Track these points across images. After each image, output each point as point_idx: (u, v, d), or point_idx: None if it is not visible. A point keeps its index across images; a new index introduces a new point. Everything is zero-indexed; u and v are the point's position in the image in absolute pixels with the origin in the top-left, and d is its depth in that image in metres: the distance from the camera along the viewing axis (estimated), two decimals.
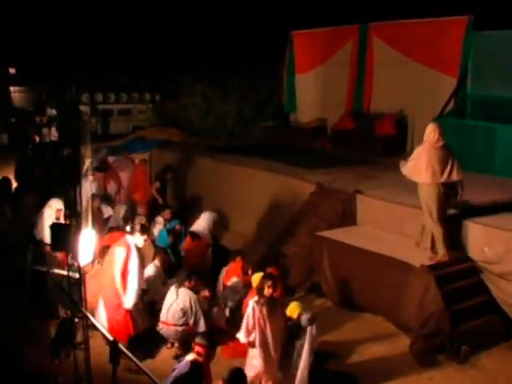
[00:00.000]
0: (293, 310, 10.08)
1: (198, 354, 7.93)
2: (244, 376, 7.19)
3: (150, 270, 12.14)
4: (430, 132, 11.41)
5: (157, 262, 12.33)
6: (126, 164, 18.20)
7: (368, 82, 20.18)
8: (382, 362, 10.39)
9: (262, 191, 16.66)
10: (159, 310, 11.03)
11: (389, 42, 19.24)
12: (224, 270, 12.76)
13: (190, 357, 7.99)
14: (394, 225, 13.17)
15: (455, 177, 11.42)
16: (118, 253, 10.24)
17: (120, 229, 14.32)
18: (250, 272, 12.49)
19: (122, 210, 15.71)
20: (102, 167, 16.62)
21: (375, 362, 10.45)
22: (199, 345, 8.00)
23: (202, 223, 13.85)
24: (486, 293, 11.49)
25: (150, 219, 15.40)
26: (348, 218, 14.11)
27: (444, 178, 11.33)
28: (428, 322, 10.79)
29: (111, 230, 14.18)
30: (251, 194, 17.02)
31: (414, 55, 18.43)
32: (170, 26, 27.35)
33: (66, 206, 13.75)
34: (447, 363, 10.33)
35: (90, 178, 16.24)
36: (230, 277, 12.42)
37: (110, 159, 18.13)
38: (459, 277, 11.36)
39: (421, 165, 11.37)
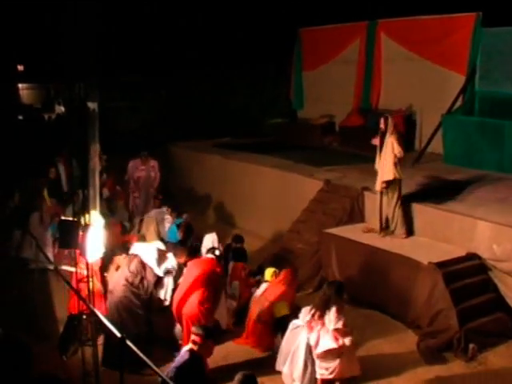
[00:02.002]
0: (280, 309, 10.66)
1: (194, 342, 8.01)
2: (256, 382, 7.23)
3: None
4: (391, 124, 12.38)
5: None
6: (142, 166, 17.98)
7: (376, 79, 20.14)
8: (390, 359, 10.38)
9: (270, 188, 16.68)
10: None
11: (397, 39, 19.19)
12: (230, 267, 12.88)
13: (187, 347, 8.11)
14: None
15: None
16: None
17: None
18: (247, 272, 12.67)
19: (124, 215, 15.74)
20: None
21: (382, 358, 10.44)
22: (194, 334, 8.11)
23: (204, 247, 13.69)
24: (494, 290, 11.46)
25: None
26: (356, 215, 14.11)
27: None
28: (436, 319, 10.80)
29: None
30: (259, 191, 17.04)
31: (422, 52, 18.36)
32: (178, 24, 27.31)
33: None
34: (455, 361, 10.31)
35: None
36: (232, 279, 12.50)
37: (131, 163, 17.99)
38: (467, 274, 11.34)
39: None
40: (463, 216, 12.08)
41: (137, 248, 10.74)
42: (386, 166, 12.39)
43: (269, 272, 11.97)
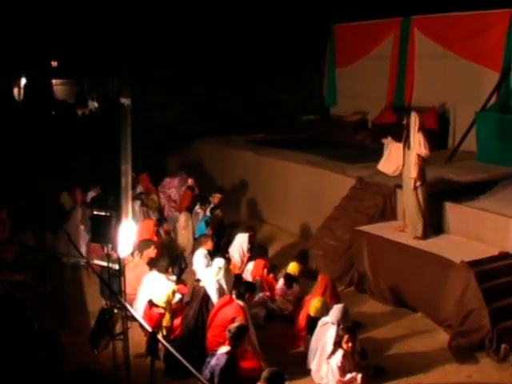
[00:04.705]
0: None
1: (230, 345, 8.20)
2: (283, 379, 7.31)
3: (200, 256, 12.30)
4: (416, 120, 12.20)
5: (203, 248, 12.50)
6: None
7: (409, 75, 19.99)
8: (421, 358, 10.34)
9: (302, 185, 16.66)
10: None
11: (431, 36, 19.03)
12: (251, 265, 12.91)
13: (223, 349, 8.24)
14: (434, 220, 13.06)
15: None
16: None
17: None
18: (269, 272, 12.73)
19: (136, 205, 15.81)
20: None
21: (413, 357, 10.40)
22: (230, 333, 8.45)
23: (233, 246, 13.78)
24: None
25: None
26: (388, 212, 14.04)
27: None
28: (468, 318, 10.70)
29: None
30: (291, 187, 17.03)
31: (456, 49, 18.20)
32: (212, 20, 27.42)
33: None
34: (486, 361, 10.22)
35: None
36: (253, 276, 12.52)
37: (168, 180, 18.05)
38: (500, 274, 11.21)
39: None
40: (497, 215, 11.96)
41: None
42: (411, 162, 12.32)
43: (292, 266, 12.41)
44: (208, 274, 10.76)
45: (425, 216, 12.51)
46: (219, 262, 10.90)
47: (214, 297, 10.43)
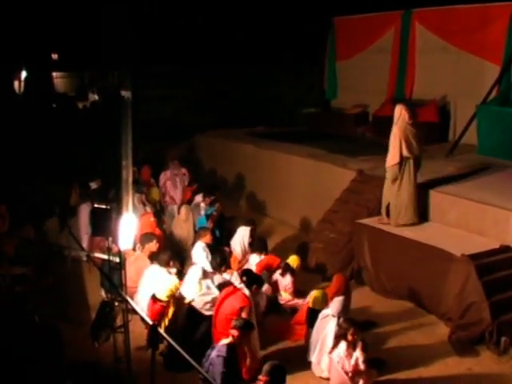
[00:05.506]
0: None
1: (233, 336, 8.21)
2: (285, 372, 7.30)
3: (199, 249, 12.30)
4: (406, 112, 12.58)
5: (202, 242, 12.49)
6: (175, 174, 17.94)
7: (410, 68, 19.97)
8: (421, 351, 10.35)
9: (302, 178, 16.65)
10: None
11: (432, 29, 19.00)
12: (258, 259, 12.85)
13: (227, 340, 8.26)
14: (435, 213, 13.07)
15: (420, 150, 12.70)
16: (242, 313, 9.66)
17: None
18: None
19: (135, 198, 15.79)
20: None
21: (414, 350, 10.42)
22: (235, 327, 8.47)
23: (235, 238, 13.76)
24: None
25: None
26: None
27: (418, 152, 12.60)
28: (468, 311, 10.71)
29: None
30: (292, 180, 17.02)
31: (457, 42, 18.16)
32: (211, 19, 27.39)
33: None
34: (486, 354, 10.24)
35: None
36: (262, 267, 12.47)
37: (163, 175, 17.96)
38: (501, 267, 11.21)
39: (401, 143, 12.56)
40: (497, 208, 11.95)
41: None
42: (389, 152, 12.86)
43: (292, 260, 12.51)
44: (192, 290, 10.73)
45: (387, 206, 12.95)
46: (196, 272, 10.98)
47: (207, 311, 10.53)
